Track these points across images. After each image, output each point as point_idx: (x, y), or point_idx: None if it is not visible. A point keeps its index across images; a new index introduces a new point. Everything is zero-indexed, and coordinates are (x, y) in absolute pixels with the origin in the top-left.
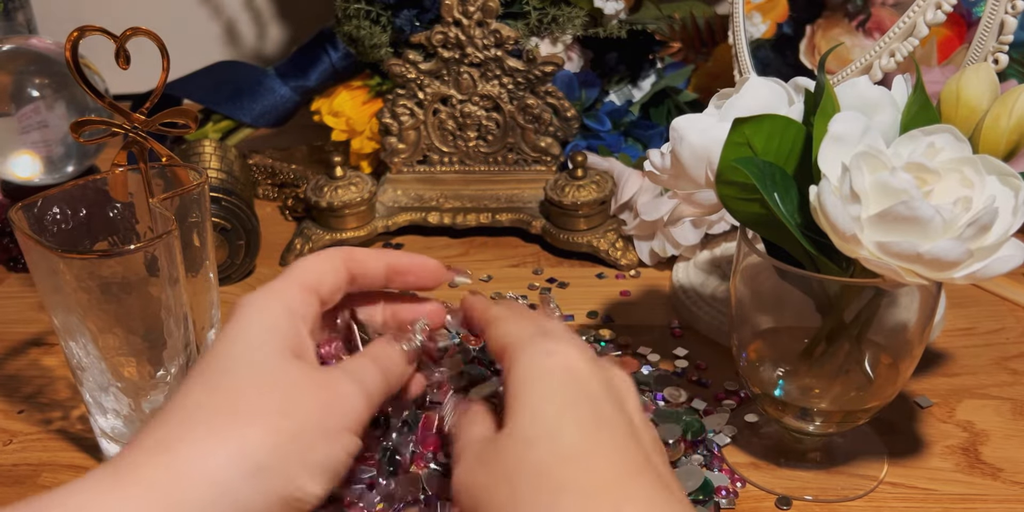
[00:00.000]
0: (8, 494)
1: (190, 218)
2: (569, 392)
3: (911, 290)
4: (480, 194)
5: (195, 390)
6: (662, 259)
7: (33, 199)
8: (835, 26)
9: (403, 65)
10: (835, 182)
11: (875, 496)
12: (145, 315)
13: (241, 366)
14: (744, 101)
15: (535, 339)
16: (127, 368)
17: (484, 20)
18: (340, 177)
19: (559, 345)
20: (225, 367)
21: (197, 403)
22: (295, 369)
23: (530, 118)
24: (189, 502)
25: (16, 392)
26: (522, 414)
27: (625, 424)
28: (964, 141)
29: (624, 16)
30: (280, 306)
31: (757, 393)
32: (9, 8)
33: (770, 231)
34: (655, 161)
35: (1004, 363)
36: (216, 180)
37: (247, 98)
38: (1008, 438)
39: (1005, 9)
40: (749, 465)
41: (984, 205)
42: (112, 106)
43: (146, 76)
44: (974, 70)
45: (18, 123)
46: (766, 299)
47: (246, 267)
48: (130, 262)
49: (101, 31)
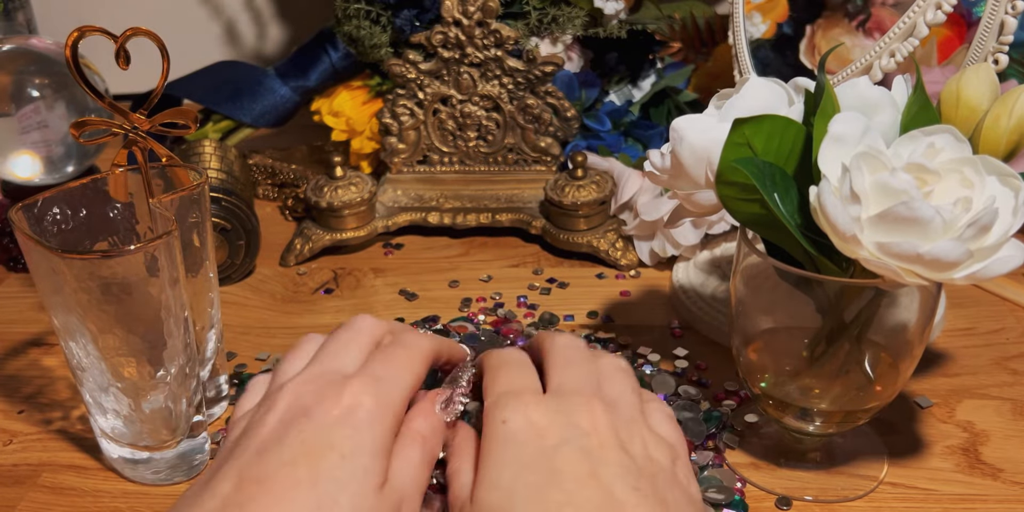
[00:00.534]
0: (8, 494)
1: (190, 218)
2: (525, 456)
3: (911, 290)
4: (480, 194)
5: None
6: (662, 259)
7: (33, 199)
8: (835, 26)
9: (403, 65)
10: (835, 182)
11: (875, 496)
12: (145, 315)
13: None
14: (744, 101)
15: (496, 404)
16: (127, 368)
17: (484, 20)
18: (340, 177)
19: (515, 410)
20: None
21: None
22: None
23: (530, 118)
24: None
25: (16, 392)
26: (482, 483)
27: (585, 476)
28: (964, 141)
29: (624, 16)
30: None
31: (757, 393)
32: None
33: (770, 231)
34: (655, 161)
35: (1004, 363)
36: (216, 180)
37: (247, 98)
38: (1008, 438)
39: (1005, 9)
40: (749, 465)
41: (984, 205)
42: (112, 106)
43: (146, 76)
44: (974, 70)
45: (18, 123)
46: (766, 299)
47: (246, 267)
48: (130, 262)
49: (101, 31)
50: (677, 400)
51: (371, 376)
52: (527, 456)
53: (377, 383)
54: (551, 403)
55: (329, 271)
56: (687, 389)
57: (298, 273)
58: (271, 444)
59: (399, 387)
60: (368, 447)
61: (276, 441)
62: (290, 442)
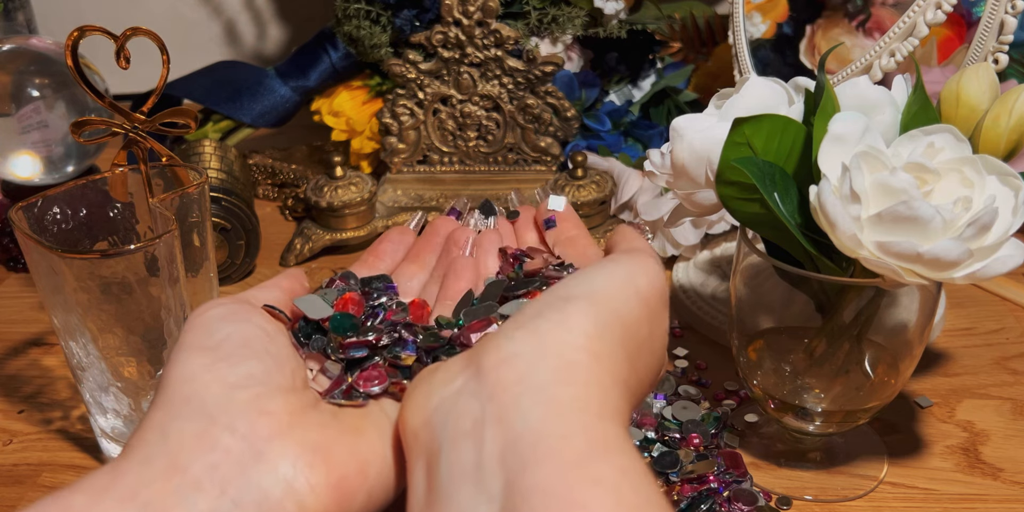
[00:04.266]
0: (8, 494)
1: (190, 218)
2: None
3: (911, 290)
4: (480, 194)
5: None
6: (662, 259)
7: (33, 199)
8: (835, 26)
9: (403, 65)
10: (835, 182)
11: (875, 496)
12: (145, 315)
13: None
14: (744, 101)
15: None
16: (127, 368)
17: (484, 20)
18: (340, 177)
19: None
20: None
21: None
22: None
23: (530, 118)
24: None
25: (16, 392)
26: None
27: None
28: (964, 141)
29: (624, 16)
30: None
31: (757, 393)
32: (9, 8)
33: (770, 231)
34: (655, 161)
35: (1004, 363)
36: (216, 180)
37: (247, 98)
38: (1008, 438)
39: (1005, 9)
40: (749, 465)
41: (984, 205)
42: (112, 106)
43: (146, 76)
44: (974, 70)
45: (18, 123)
46: (766, 299)
47: (246, 267)
48: (130, 262)
49: (101, 31)
50: (677, 400)
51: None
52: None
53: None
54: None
55: (329, 271)
56: (687, 389)
57: None
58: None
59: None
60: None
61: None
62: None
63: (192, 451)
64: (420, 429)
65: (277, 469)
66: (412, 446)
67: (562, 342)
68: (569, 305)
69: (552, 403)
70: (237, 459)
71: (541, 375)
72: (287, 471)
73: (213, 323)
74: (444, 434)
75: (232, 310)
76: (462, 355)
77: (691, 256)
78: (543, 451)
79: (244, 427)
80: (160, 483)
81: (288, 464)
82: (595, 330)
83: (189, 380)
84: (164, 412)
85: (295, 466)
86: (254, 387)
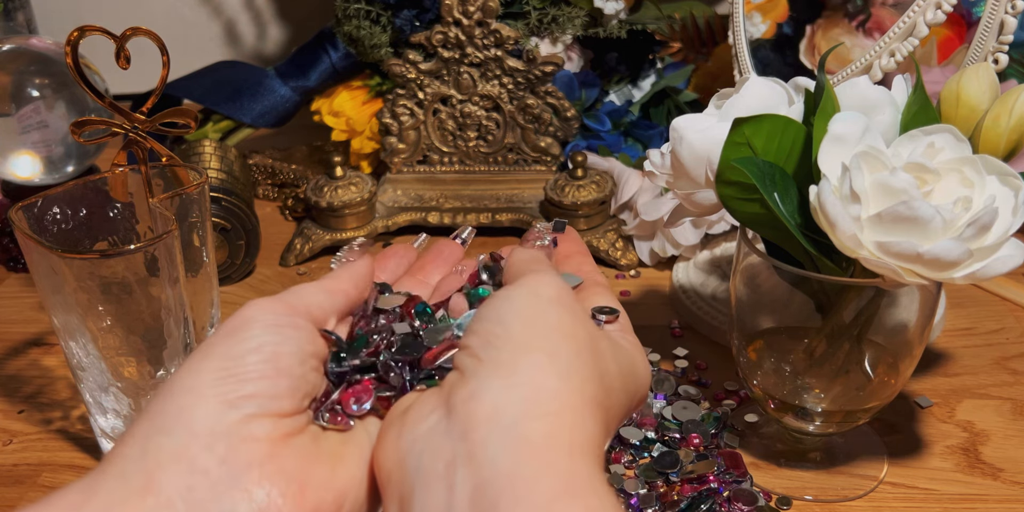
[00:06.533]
0: (8, 494)
1: (190, 218)
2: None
3: (911, 290)
4: (480, 194)
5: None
6: (662, 259)
7: (33, 199)
8: (835, 26)
9: (403, 65)
10: (835, 182)
11: (875, 496)
12: (145, 315)
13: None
14: (744, 101)
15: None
16: (127, 368)
17: (484, 20)
18: (340, 177)
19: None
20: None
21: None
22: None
23: (530, 118)
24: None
25: (16, 392)
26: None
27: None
28: (964, 141)
29: (624, 16)
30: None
31: (757, 393)
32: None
33: (770, 231)
34: (655, 161)
35: (1004, 363)
36: (216, 180)
37: (247, 98)
38: (1008, 438)
39: (1005, 9)
40: (749, 465)
41: (984, 205)
42: (112, 106)
43: (146, 76)
44: (974, 70)
45: (18, 123)
46: (766, 299)
47: (246, 267)
48: (130, 262)
49: (101, 31)
50: (677, 400)
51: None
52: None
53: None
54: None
55: (329, 271)
56: (687, 389)
57: (298, 273)
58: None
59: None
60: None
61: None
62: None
63: (169, 470)
64: (393, 470)
65: (252, 496)
66: (386, 486)
67: (530, 367)
68: (508, 333)
69: (521, 442)
70: (213, 483)
71: (511, 408)
72: (261, 499)
73: (255, 328)
74: (417, 476)
75: (281, 321)
76: (434, 390)
77: (691, 256)
78: (512, 496)
79: (223, 450)
80: (134, 502)
81: (263, 492)
82: (549, 347)
83: (190, 390)
84: (151, 422)
85: (269, 495)
86: (248, 408)
